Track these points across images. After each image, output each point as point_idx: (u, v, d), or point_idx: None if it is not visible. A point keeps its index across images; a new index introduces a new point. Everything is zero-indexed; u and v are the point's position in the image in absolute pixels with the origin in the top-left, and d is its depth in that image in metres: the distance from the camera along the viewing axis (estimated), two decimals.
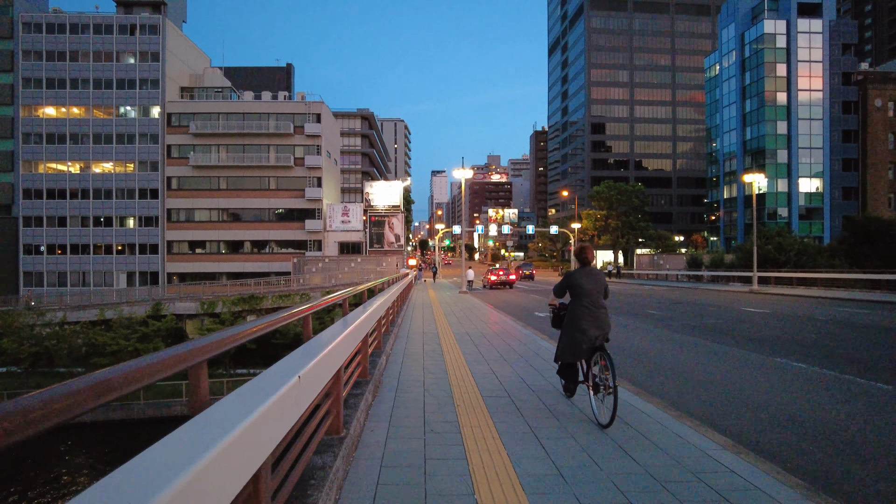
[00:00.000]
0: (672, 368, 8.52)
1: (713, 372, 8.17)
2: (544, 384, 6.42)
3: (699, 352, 9.83)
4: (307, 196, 56.70)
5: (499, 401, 5.56)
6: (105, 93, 56.33)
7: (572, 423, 4.84)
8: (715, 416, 5.75)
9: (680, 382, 7.51)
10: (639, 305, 20.24)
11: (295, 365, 2.51)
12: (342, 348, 3.56)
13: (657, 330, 12.86)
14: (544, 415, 5.13)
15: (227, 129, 57.24)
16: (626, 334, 12.25)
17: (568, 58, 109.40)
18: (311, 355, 2.77)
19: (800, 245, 38.69)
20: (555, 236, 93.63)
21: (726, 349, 9.92)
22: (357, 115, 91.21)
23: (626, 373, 7.82)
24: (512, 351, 8.97)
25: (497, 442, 4.24)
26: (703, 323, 14.04)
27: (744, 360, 8.86)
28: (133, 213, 56.58)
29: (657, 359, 9.33)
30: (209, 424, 1.62)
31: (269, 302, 32.68)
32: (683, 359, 9.22)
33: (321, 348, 2.98)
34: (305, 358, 2.69)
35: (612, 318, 5.47)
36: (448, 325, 12.40)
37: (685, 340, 11.19)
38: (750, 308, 18.23)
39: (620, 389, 5.66)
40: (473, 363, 7.76)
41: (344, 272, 46.12)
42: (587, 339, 5.15)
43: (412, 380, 6.56)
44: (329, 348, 3.04)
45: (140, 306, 32.44)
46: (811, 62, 63.20)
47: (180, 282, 54.58)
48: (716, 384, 7.33)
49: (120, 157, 56.65)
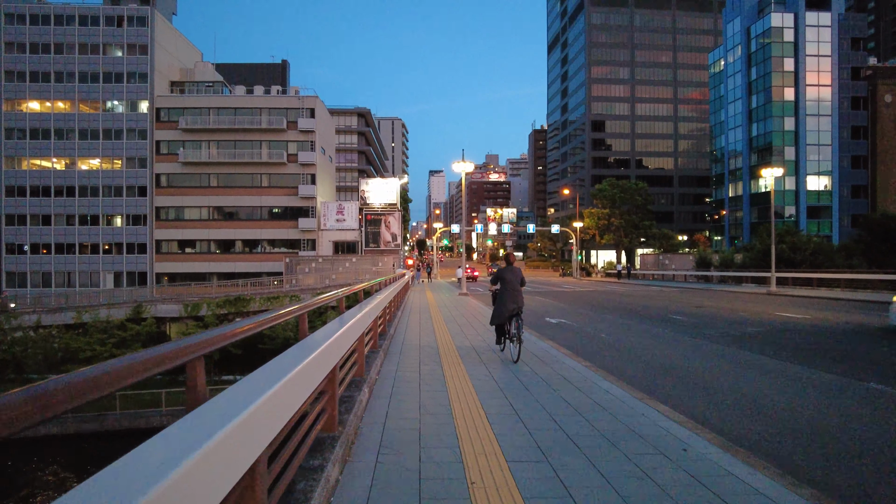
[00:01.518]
0: (753, 404, 6.29)
1: (817, 411, 6.07)
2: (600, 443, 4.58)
3: (770, 375, 7.98)
4: (301, 194, 54.78)
5: (534, 474, 3.68)
6: (91, 86, 54.33)
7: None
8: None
9: (781, 429, 5.49)
10: (659, 309, 18.44)
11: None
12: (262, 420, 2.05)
13: (694, 340, 11.04)
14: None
15: (218, 124, 55.27)
16: (661, 346, 10.42)
17: (568, 55, 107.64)
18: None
19: (815, 244, 36.93)
20: (555, 236, 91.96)
21: (803, 372, 8.02)
22: (353, 112, 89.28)
23: (685, 404, 6.02)
24: (543, 381, 7.15)
25: None
26: (744, 331, 12.23)
27: (841, 390, 7.00)
28: (120, 212, 54.60)
29: (718, 384, 7.48)
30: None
31: (256, 304, 30.79)
32: (756, 386, 7.31)
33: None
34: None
35: (637, 324, 10.03)
36: (449, 336, 10.56)
37: (736, 356, 9.36)
38: (786, 313, 16.43)
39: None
40: (487, 396, 5.91)
41: (338, 272, 44.25)
42: (507, 310, 8.22)
43: (403, 430, 4.65)
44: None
45: (120, 309, 30.51)
46: (819, 56, 61.52)
47: (170, 282, 52.71)
48: (833, 432, 5.47)
49: (107, 154, 54.65)
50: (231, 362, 29.71)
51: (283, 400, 2.19)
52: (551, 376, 6.88)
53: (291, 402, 2.37)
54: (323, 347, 3.14)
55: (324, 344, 3.21)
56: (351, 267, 44.79)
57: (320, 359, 3.03)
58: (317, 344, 3.15)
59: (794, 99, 62.06)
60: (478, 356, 8.40)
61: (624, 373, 7.91)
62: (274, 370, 2.36)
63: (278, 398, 2.09)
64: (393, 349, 8.76)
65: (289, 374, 2.29)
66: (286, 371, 2.31)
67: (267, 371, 2.34)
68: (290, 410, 2.35)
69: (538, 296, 27.16)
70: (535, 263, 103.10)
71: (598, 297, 25.81)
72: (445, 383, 6.54)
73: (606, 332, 12.32)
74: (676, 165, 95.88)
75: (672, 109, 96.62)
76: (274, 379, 2.16)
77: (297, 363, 2.51)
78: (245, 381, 2.12)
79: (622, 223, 66.90)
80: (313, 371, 2.84)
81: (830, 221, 61.61)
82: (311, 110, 56.12)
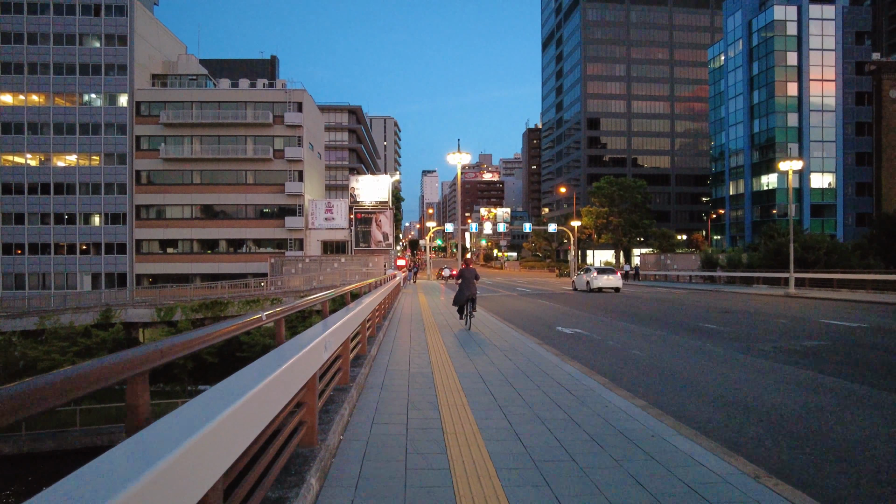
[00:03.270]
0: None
1: None
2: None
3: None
4: (287, 191, 52.43)
5: None
6: (67, 79, 51.79)
7: None
8: None
9: None
10: (681, 315, 16.38)
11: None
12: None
13: (752, 359, 8.92)
14: None
15: (202, 118, 52.84)
16: (716, 369, 8.31)
17: (563, 52, 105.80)
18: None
19: (829, 243, 35.09)
20: (550, 235, 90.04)
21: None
22: (344, 109, 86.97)
23: (821, 483, 3.93)
24: (574, 427, 5.00)
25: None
26: (803, 345, 10.14)
27: None
28: (98, 210, 52.11)
29: (838, 437, 5.37)
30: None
31: (234, 308, 28.49)
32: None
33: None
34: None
35: (668, 335, 11.15)
36: (447, 358, 8.40)
37: (823, 384, 7.26)
38: (833, 320, 14.39)
39: None
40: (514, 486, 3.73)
41: (326, 273, 41.99)
42: (464, 296, 12.08)
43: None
44: None
45: (87, 313, 28.12)
46: (823, 51, 59.86)
47: (151, 284, 50.19)
48: None
49: (84, 149, 52.12)
50: (207, 371, 27.47)
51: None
52: (602, 432, 4.75)
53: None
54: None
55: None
56: (339, 268, 42.56)
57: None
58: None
59: (797, 94, 60.37)
60: (492, 397, 6.21)
61: (691, 414, 5.80)
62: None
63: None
64: (373, 381, 6.58)
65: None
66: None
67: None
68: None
69: (540, 299, 25.01)
70: (529, 263, 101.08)
71: (605, 300, 23.73)
72: (452, 478, 4.19)
73: (638, 348, 10.21)
74: (673, 164, 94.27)
75: (668, 107, 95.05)
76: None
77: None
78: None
79: (621, 222, 64.98)
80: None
81: (835, 220, 59.94)
82: (298, 104, 53.80)
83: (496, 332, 11.35)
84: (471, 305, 12.20)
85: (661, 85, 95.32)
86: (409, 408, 5.25)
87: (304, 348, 3.10)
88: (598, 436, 4.48)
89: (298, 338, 3.48)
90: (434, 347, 9.21)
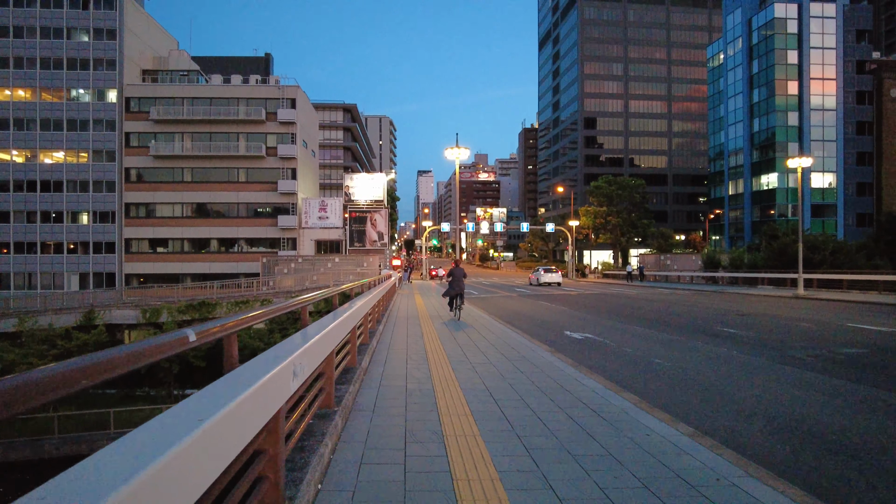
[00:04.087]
0: None
1: None
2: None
3: None
4: (280, 189, 51.30)
5: None
6: (54, 73, 50.50)
7: None
8: None
9: None
10: (695, 318, 15.44)
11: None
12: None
13: (791, 370, 7.96)
14: None
15: (193, 115, 51.64)
16: (754, 381, 7.35)
17: (559, 51, 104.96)
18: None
19: (834, 243, 34.29)
20: (547, 235, 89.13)
21: None
22: (339, 107, 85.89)
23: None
24: (617, 468, 4.02)
25: None
26: (841, 353, 9.18)
27: None
28: (87, 208, 50.83)
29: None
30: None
31: (223, 310, 27.41)
32: None
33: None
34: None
35: (687, 341, 10.47)
36: (450, 371, 7.42)
37: (882, 400, 6.33)
38: (861, 324, 13.47)
39: None
40: None
41: (319, 273, 40.92)
42: (453, 291, 13.96)
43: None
44: None
45: (69, 315, 26.97)
46: (824, 49, 59.17)
47: (140, 284, 48.98)
48: None
49: (72, 146, 50.83)
50: (195, 374, 26.37)
51: None
52: (653, 475, 3.77)
53: None
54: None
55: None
56: (333, 268, 41.50)
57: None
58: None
59: (797, 93, 59.67)
60: (515, 435, 5.23)
61: (748, 443, 4.85)
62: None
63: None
64: (363, 401, 5.59)
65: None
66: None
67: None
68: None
69: (543, 300, 24.02)
70: (526, 264, 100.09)
71: (610, 302, 22.79)
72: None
73: (658, 356, 9.24)
74: (671, 164, 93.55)
75: (666, 107, 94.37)
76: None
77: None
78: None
79: (620, 222, 64.12)
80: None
81: (835, 220, 59.27)
82: (291, 100, 52.69)
83: (501, 338, 10.36)
84: (459, 300, 14.31)
85: (658, 84, 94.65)
86: (408, 439, 4.26)
87: (259, 381, 2.08)
88: (651, 480, 3.50)
89: (256, 361, 2.51)
90: (434, 357, 8.23)
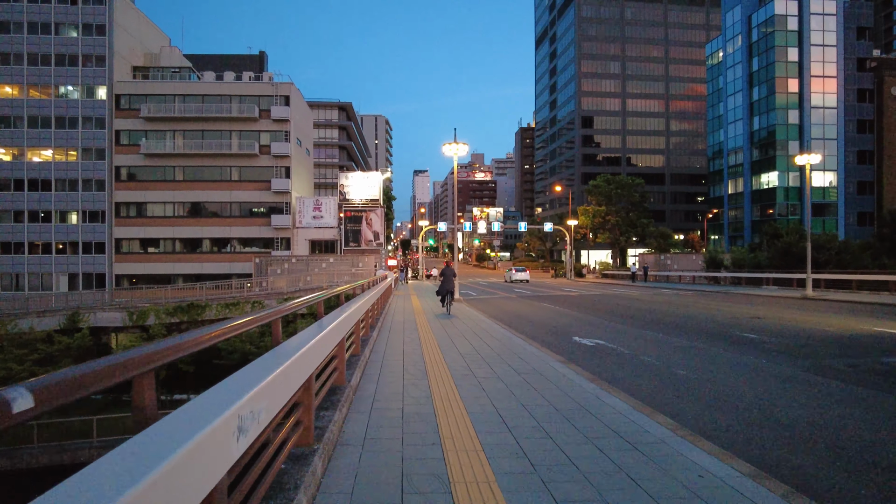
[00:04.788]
0: None
1: None
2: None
3: None
4: (274, 188, 50.33)
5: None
6: (42, 70, 49.38)
7: None
8: None
9: None
10: (709, 322, 14.62)
11: None
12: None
13: (832, 384, 7.11)
14: None
15: (184, 112, 50.60)
16: (798, 399, 6.50)
17: (556, 49, 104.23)
18: None
19: (840, 243, 33.59)
20: (545, 235, 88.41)
21: None
22: (334, 105, 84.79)
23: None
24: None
25: None
26: (885, 364, 8.38)
27: None
28: (76, 208, 49.75)
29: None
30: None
31: (213, 312, 26.42)
32: None
33: None
34: None
35: (708, 348, 9.68)
36: (454, 390, 6.56)
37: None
38: (890, 329, 12.67)
39: None
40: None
41: (314, 274, 40.00)
42: (445, 289, 16.01)
43: None
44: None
45: (52, 317, 25.98)
46: (824, 46, 58.53)
47: (131, 285, 47.95)
48: None
49: (60, 144, 49.73)
50: (184, 379, 25.43)
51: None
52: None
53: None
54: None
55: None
56: (328, 268, 40.57)
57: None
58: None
59: (798, 91, 59.01)
60: (524, 456, 4.38)
61: (824, 486, 4.01)
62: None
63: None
64: (352, 431, 4.72)
65: None
66: None
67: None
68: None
69: (545, 302, 23.16)
70: (523, 263, 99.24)
71: (615, 303, 21.96)
72: None
73: (681, 366, 8.40)
74: (668, 163, 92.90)
75: (664, 105, 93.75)
76: None
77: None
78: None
79: (619, 221, 63.35)
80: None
81: (836, 219, 58.65)
82: (285, 97, 51.71)
83: (507, 346, 9.50)
84: (450, 296, 16.44)
85: (655, 83, 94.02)
86: (405, 489, 3.38)
87: (145, 478, 1.23)
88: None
89: (175, 417, 1.67)
90: (434, 370, 7.36)
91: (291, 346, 3.22)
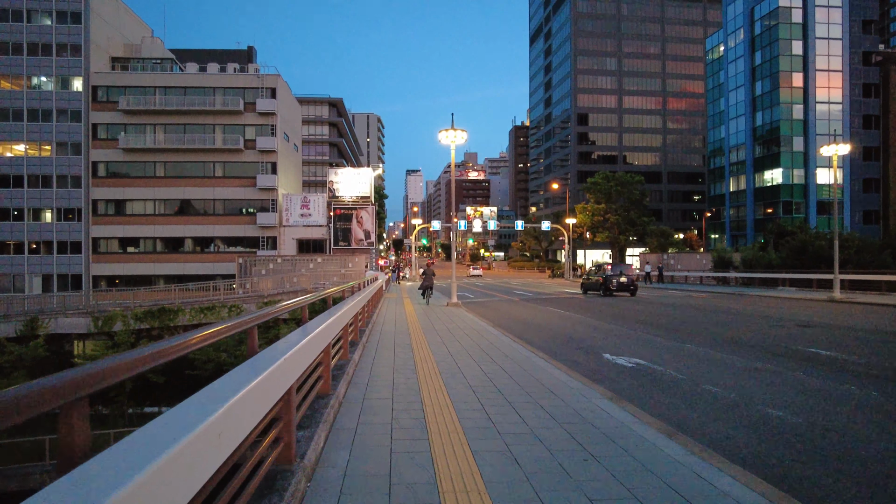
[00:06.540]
0: None
1: None
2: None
3: None
4: (259, 184, 47.99)
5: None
6: (13, 59, 46.79)
7: None
8: None
9: None
10: (751, 332, 12.54)
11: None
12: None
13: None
14: None
15: (166, 105, 48.16)
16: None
17: (552, 45, 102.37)
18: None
19: (859, 241, 31.77)
20: (541, 234, 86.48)
21: None
22: (324, 102, 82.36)
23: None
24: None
25: None
26: None
27: None
28: (50, 205, 47.24)
29: None
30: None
31: (186, 317, 24.13)
32: None
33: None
34: None
35: (783, 371, 7.80)
36: (461, 434, 4.41)
37: None
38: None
39: None
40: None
41: (300, 275, 37.71)
42: (425, 285, 20.90)
43: None
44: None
45: (7, 324, 23.62)
46: (830, 39, 56.84)
47: (109, 286, 45.45)
48: None
49: (33, 138, 47.18)
50: (154, 391, 23.13)
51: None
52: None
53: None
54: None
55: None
56: (315, 268, 38.30)
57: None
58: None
59: (802, 85, 57.29)
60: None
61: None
62: None
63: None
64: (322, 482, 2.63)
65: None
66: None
67: None
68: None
69: (548, 305, 21.02)
70: (518, 263, 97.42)
71: (630, 307, 19.86)
72: None
73: (762, 399, 6.27)
74: (665, 161, 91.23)
75: (660, 103, 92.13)
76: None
77: None
78: None
79: (618, 219, 61.43)
80: None
81: (842, 217, 57.00)
82: (271, 90, 49.37)
83: (527, 371, 7.35)
84: (430, 291, 20.52)
85: (652, 80, 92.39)
86: None
87: None
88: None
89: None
90: (434, 405, 5.19)
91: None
